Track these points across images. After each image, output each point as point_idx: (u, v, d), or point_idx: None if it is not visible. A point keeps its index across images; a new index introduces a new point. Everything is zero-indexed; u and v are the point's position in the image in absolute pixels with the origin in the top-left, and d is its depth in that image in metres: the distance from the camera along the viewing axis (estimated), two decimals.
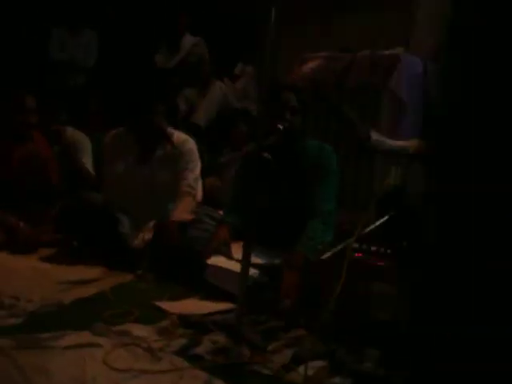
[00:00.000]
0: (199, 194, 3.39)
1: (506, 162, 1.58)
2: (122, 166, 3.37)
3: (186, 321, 2.32)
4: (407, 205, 2.26)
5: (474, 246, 1.62)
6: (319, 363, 2.00)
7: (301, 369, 1.95)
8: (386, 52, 4.40)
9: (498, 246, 1.60)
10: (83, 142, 4.22)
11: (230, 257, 2.81)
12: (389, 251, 2.22)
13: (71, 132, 4.22)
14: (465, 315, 1.61)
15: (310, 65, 4.42)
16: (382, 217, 2.22)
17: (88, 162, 4.18)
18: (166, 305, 2.55)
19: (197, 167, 3.37)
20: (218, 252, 2.84)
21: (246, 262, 2.14)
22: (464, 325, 1.60)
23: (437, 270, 1.68)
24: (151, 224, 3.20)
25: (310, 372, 1.92)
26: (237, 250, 2.80)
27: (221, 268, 2.72)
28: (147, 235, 3.15)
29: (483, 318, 1.60)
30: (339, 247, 2.14)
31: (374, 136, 3.18)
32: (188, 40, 5.75)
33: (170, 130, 3.41)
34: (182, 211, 3.21)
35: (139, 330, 2.22)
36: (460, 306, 1.63)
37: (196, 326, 2.27)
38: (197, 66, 5.72)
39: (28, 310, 2.37)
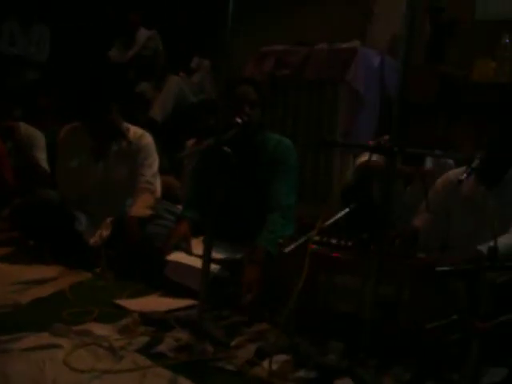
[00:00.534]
0: (158, 190, 3.35)
1: None
2: (76, 162, 3.31)
3: (147, 318, 2.29)
4: (368, 196, 2.27)
5: None
6: (283, 357, 2.00)
7: (265, 363, 1.96)
8: (344, 45, 4.44)
9: None
10: (37, 138, 4.12)
11: (189, 252, 2.79)
12: (350, 243, 2.23)
13: (24, 128, 4.12)
14: None
15: None
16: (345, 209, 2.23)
17: (42, 158, 4.09)
18: (126, 302, 2.52)
19: (155, 162, 3.33)
20: (177, 248, 2.82)
21: (206, 257, 2.12)
22: None
23: None
24: (109, 220, 3.15)
25: (275, 366, 1.93)
26: (197, 246, 2.78)
27: (181, 264, 2.70)
28: (105, 232, 3.11)
29: None
30: (301, 241, 2.14)
31: None
32: (142, 33, 5.69)
33: (126, 125, 3.36)
34: (141, 207, 3.17)
35: (100, 329, 2.18)
36: None
37: (158, 323, 2.25)
38: (152, 60, 5.66)
39: None
